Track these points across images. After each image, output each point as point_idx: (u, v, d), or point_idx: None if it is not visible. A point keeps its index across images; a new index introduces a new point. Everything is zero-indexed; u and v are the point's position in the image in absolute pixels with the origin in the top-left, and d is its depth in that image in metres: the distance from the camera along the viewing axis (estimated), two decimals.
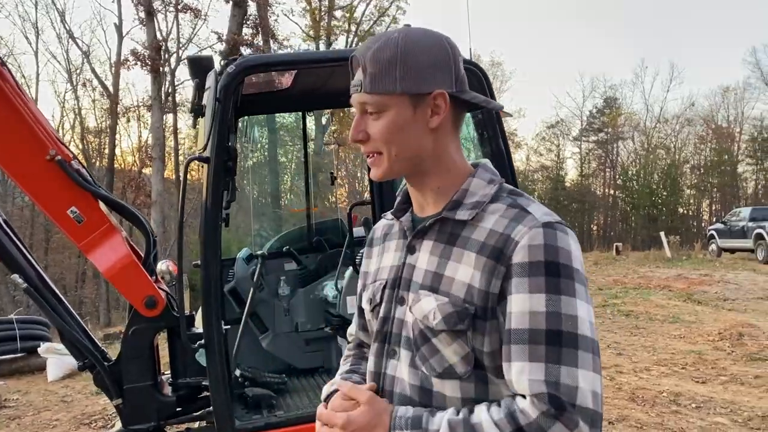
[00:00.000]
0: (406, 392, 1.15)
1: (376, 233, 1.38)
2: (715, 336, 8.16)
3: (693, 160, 47.56)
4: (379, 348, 1.23)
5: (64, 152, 3.12)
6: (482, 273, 1.08)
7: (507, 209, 1.13)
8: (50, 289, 3.27)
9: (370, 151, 1.18)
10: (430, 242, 1.18)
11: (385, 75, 1.12)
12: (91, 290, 27.45)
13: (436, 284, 1.13)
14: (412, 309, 1.15)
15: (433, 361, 1.12)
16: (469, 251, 1.11)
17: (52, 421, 5.94)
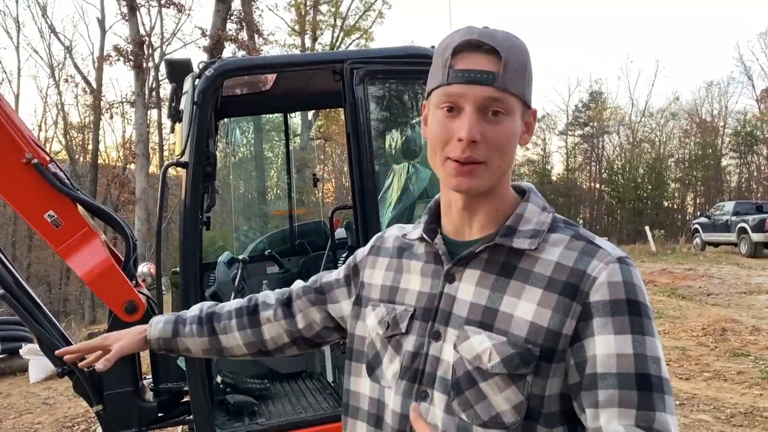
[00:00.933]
0: None
1: (386, 243, 1.23)
2: (698, 331, 8.24)
3: (677, 154, 47.99)
4: (407, 388, 1.06)
5: (40, 155, 3.06)
6: (553, 311, 0.98)
7: (572, 241, 1.03)
8: (27, 293, 3.22)
9: (474, 157, 0.99)
10: (476, 272, 1.04)
11: (522, 74, 1.01)
12: (76, 288, 27.20)
13: (488, 320, 1.01)
14: (458, 347, 1.01)
15: (478, 407, 1.00)
16: (533, 286, 1.00)
17: (33, 425, 5.88)
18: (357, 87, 2.66)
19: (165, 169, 2.75)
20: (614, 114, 48.74)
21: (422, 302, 1.09)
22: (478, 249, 1.05)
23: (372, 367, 1.15)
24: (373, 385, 1.14)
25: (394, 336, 1.10)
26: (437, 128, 1.02)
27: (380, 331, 1.13)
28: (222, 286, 3.47)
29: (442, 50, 1.03)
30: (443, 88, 1.00)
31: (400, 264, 1.17)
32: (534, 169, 50.85)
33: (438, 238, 1.11)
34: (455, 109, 1.00)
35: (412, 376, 1.06)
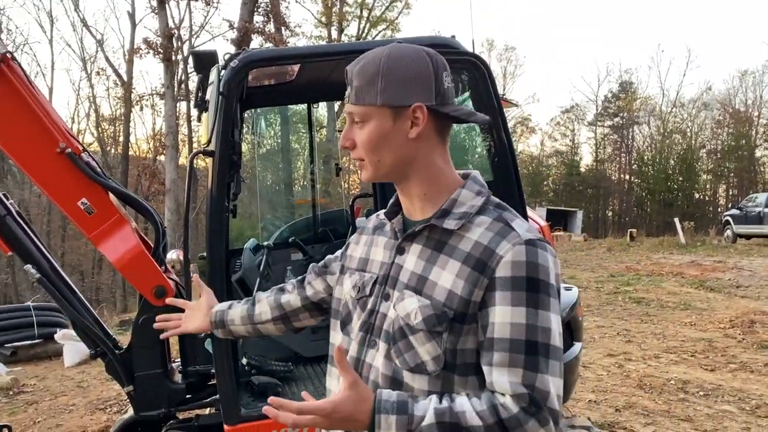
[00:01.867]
0: (378, 380, 1.25)
1: (369, 224, 1.49)
2: (726, 323, 8.14)
3: (710, 145, 47.05)
4: (362, 337, 1.32)
5: (74, 145, 3.18)
6: (465, 282, 1.18)
7: (492, 222, 1.22)
8: (62, 279, 3.35)
9: (355, 157, 1.29)
10: (419, 246, 1.28)
11: (369, 88, 1.22)
12: (108, 277, 27.78)
13: (420, 286, 1.23)
14: (396, 306, 1.25)
15: (407, 355, 1.22)
16: (454, 260, 1.21)
17: (68, 406, 6.08)
18: None
19: (192, 158, 2.84)
20: (644, 104, 47.96)
21: (381, 270, 1.33)
22: (418, 228, 1.27)
23: (344, 323, 1.39)
24: (344, 338, 1.37)
25: (362, 298, 1.34)
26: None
27: (353, 294, 1.37)
28: (248, 271, 3.56)
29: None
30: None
31: (373, 239, 1.42)
32: (562, 160, 50.34)
33: (397, 218, 1.35)
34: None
35: (367, 329, 1.31)
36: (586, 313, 9.10)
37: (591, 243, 23.76)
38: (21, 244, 3.22)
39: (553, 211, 35.74)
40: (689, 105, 46.94)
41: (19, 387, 6.87)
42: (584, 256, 18.17)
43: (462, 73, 2.90)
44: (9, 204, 3.28)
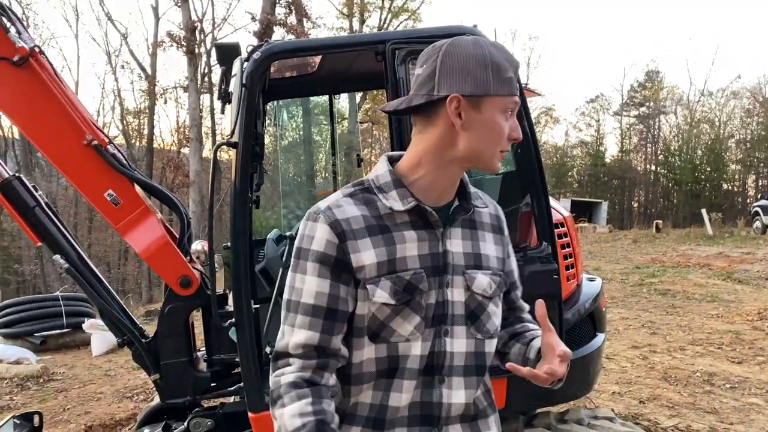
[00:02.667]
0: (462, 363, 1.33)
1: (352, 225, 1.28)
2: (754, 316, 8.01)
3: (739, 135, 46.13)
4: (434, 332, 1.31)
5: (100, 137, 3.23)
6: (499, 246, 1.43)
7: (485, 196, 1.48)
8: (90, 269, 3.41)
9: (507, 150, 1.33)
10: (458, 229, 1.36)
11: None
12: (134, 268, 28.20)
13: (479, 262, 1.36)
14: (472, 287, 1.34)
15: (488, 325, 1.37)
16: (487, 232, 1.42)
17: (96, 394, 6.21)
18: (399, 67, 2.70)
19: (216, 149, 2.87)
20: (671, 94, 47.21)
21: (428, 263, 1.30)
22: (458, 213, 1.35)
23: (376, 334, 1.28)
24: (379, 347, 1.29)
25: (413, 298, 1.28)
26: (502, 128, 1.28)
27: (392, 301, 1.26)
28: (271, 261, 3.59)
29: (497, 64, 1.24)
30: (510, 98, 1.27)
31: (389, 238, 1.29)
32: (587, 150, 49.79)
33: (420, 206, 1.31)
34: (510, 112, 1.29)
35: (438, 321, 1.31)
36: (610, 305, 9.02)
37: (616, 234, 23.51)
38: (50, 235, 3.29)
39: (577, 203, 35.41)
40: (718, 94, 46.14)
41: (49, 375, 7.02)
42: (609, 247, 17.99)
43: None
44: (38, 195, 3.35)
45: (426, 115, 1.29)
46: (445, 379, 1.32)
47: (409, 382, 1.30)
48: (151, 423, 3.57)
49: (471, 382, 1.35)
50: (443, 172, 1.32)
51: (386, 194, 1.32)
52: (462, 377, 1.33)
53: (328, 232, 1.27)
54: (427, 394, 1.31)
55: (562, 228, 3.12)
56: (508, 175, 3.11)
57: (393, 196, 1.31)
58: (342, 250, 1.27)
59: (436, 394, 1.31)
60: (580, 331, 3.07)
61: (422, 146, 1.31)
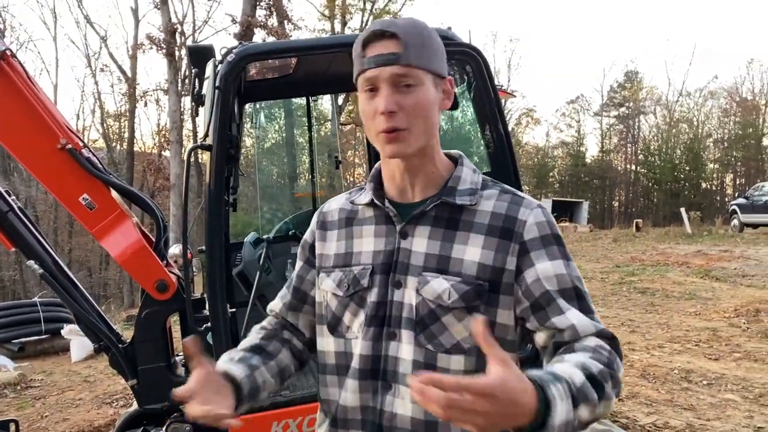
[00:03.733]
0: (408, 371, 1.19)
1: (329, 217, 1.37)
2: (731, 313, 8.12)
3: (716, 134, 46.81)
4: (376, 332, 1.23)
5: (74, 141, 3.20)
6: (495, 252, 1.20)
7: (500, 194, 1.26)
8: (65, 274, 3.38)
9: (396, 126, 1.15)
10: (426, 228, 1.23)
11: (421, 51, 1.16)
12: (115, 272, 27.92)
13: (443, 266, 1.20)
14: (421, 291, 1.20)
15: (441, 338, 1.19)
16: (476, 233, 1.21)
17: (75, 401, 6.14)
18: None
19: (190, 152, 2.86)
20: (650, 94, 47.76)
21: (379, 259, 1.25)
22: (427, 208, 1.23)
23: (333, 326, 1.31)
24: (337, 340, 1.30)
25: (356, 293, 1.26)
26: (364, 108, 1.19)
27: (339, 292, 1.28)
28: (248, 265, 3.57)
29: (356, 45, 1.19)
30: (362, 75, 1.18)
31: (349, 232, 1.32)
32: (568, 151, 50.19)
33: (386, 202, 1.27)
34: (375, 90, 1.17)
35: (380, 322, 1.24)
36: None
37: (597, 234, 23.71)
38: (23, 240, 3.25)
39: (558, 203, 35.68)
40: (696, 94, 46.77)
41: (27, 382, 6.93)
42: (590, 246, 18.14)
43: (459, 64, 2.90)
44: (11, 200, 3.32)
45: None
46: (391, 386, 1.22)
47: (354, 382, 1.24)
48: (129, 429, 3.54)
49: None
50: (386, 163, 1.28)
51: (363, 190, 1.34)
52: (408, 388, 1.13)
53: (313, 222, 1.41)
54: (372, 399, 1.23)
55: None
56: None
57: (365, 190, 1.32)
58: (315, 236, 1.38)
59: (378, 400, 1.23)
60: None
61: None
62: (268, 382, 1.29)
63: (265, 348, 1.35)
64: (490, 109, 2.88)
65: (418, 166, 1.23)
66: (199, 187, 20.82)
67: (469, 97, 2.95)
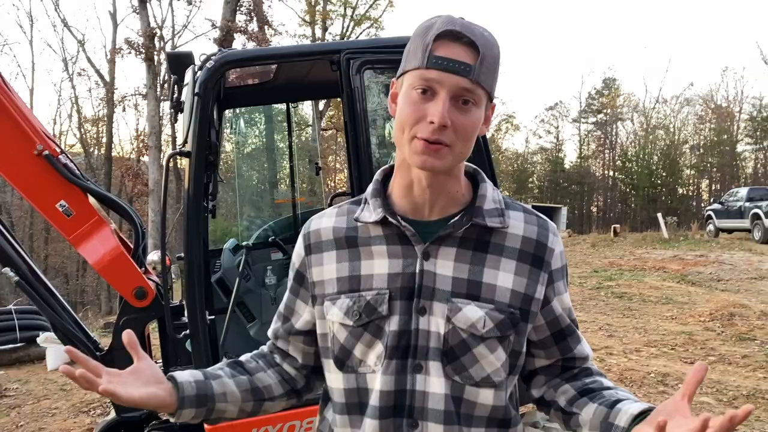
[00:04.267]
0: (439, 406, 1.10)
1: (322, 237, 1.21)
2: (706, 317, 8.25)
3: (692, 140, 47.52)
4: (399, 365, 1.11)
5: (51, 147, 3.18)
6: (527, 279, 1.14)
7: (527, 216, 1.19)
8: (41, 281, 3.35)
9: (441, 140, 1.04)
10: (452, 249, 1.12)
11: (492, 70, 1.07)
12: (93, 279, 27.56)
13: (474, 291, 1.11)
14: (453, 319, 1.10)
15: (471, 370, 1.11)
16: (507, 258, 1.14)
17: (51, 410, 6.05)
18: (354, 77, 2.73)
19: (169, 159, 2.85)
20: (628, 101, 48.39)
21: (397, 283, 1.12)
22: (458, 229, 1.12)
23: (341, 360, 1.17)
24: (347, 376, 1.16)
25: (372, 321, 1.13)
26: (409, 108, 1.06)
27: (349, 321, 1.14)
28: (227, 272, 3.57)
29: (422, 34, 1.06)
30: (421, 71, 1.04)
31: (354, 253, 1.17)
32: (547, 157, 50.62)
33: (396, 220, 1.13)
34: (429, 92, 1.05)
35: (403, 353, 1.11)
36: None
37: (575, 239, 23.93)
38: None
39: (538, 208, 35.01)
40: (672, 101, 47.48)
41: (2, 391, 6.81)
42: (568, 251, 18.29)
43: None
44: None
45: None
46: (419, 424, 1.11)
47: (373, 422, 1.12)
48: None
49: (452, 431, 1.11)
50: (404, 174, 1.14)
51: (367, 205, 1.17)
52: (441, 425, 1.10)
53: (299, 244, 1.25)
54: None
55: None
56: None
57: (369, 206, 1.16)
58: (305, 263, 1.23)
59: None
60: None
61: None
62: (232, 393, 1.21)
63: (243, 364, 1.29)
64: None
65: (442, 183, 1.12)
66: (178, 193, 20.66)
67: None
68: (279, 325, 1.31)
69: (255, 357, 1.32)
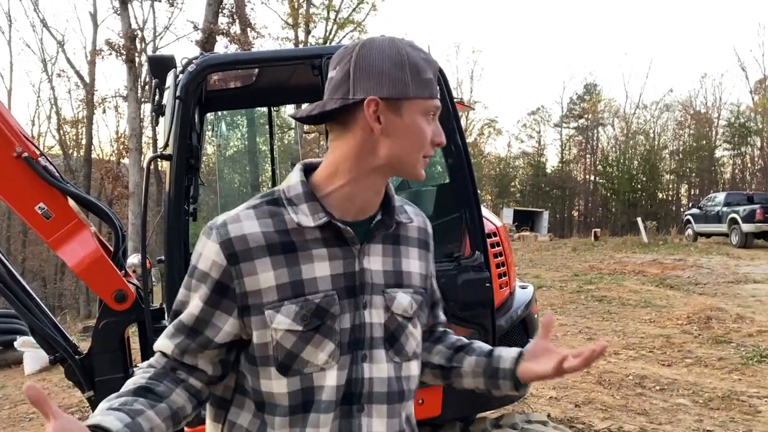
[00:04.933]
0: (383, 389, 1.21)
1: (251, 243, 1.16)
2: (683, 320, 8.37)
3: (672, 146, 48.18)
4: (349, 358, 1.18)
5: (30, 149, 3.15)
6: (424, 262, 1.35)
7: (413, 209, 1.39)
8: (20, 284, 3.32)
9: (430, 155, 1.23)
10: (378, 246, 1.25)
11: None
12: (71, 283, 27.26)
13: (399, 280, 1.27)
14: (392, 307, 1.24)
15: (406, 348, 1.26)
16: (412, 247, 1.32)
17: (29, 414, 5.98)
18: None
19: (149, 161, 2.85)
20: (608, 106, 48.94)
21: (341, 283, 1.19)
22: (379, 227, 1.25)
23: (287, 365, 1.17)
24: (291, 380, 1.17)
25: (324, 323, 1.16)
26: (425, 132, 1.19)
27: (298, 327, 1.15)
28: None
29: (418, 64, 1.16)
30: (434, 101, 1.18)
31: (292, 258, 1.17)
32: (529, 161, 51.01)
33: (331, 223, 1.18)
34: (431, 116, 1.20)
35: (351, 347, 1.19)
36: (548, 312, 9.27)
37: (556, 243, 24.14)
38: None
39: (519, 212, 36.25)
40: (652, 107, 48.11)
41: None
42: (550, 255, 18.45)
43: None
44: None
45: (342, 121, 1.17)
46: (365, 408, 1.19)
47: (326, 416, 1.17)
48: None
49: (393, 410, 1.23)
50: (363, 182, 1.20)
51: (296, 207, 1.19)
52: (384, 405, 1.21)
53: (216, 253, 1.16)
54: (345, 424, 1.18)
55: (495, 237, 3.22)
56: (442, 187, 3.19)
57: (303, 210, 1.18)
58: (229, 274, 1.15)
59: (355, 425, 1.19)
60: (512, 337, 3.17)
61: (339, 154, 1.18)
62: (158, 426, 1.13)
63: (152, 389, 1.16)
64: (448, 122, 2.94)
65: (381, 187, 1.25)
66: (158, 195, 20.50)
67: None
68: (188, 341, 1.19)
69: (156, 378, 1.18)
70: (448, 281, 2.80)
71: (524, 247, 21.82)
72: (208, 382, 1.23)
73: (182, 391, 1.20)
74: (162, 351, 1.22)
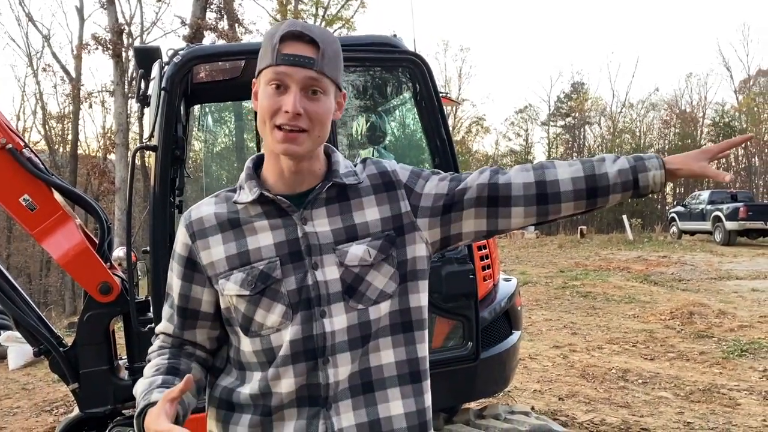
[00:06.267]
0: (345, 338, 1.28)
1: (205, 224, 1.33)
2: (666, 315, 8.47)
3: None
4: (306, 315, 1.27)
5: (15, 141, 3.14)
6: (388, 204, 1.34)
7: (367, 165, 1.40)
8: (4, 276, 3.31)
9: (297, 125, 1.21)
10: (321, 209, 1.31)
11: (334, 62, 1.26)
12: (57, 279, 27.06)
13: (352, 234, 1.31)
14: (345, 261, 1.29)
15: (369, 293, 1.30)
16: (366, 196, 1.34)
17: (13, 409, 5.95)
18: None
19: (135, 152, 2.85)
20: (595, 105, 49.18)
21: (284, 249, 1.29)
22: (321, 193, 1.31)
23: (246, 327, 1.31)
24: (253, 340, 1.30)
25: (268, 287, 1.27)
26: (267, 101, 1.23)
27: (246, 291, 1.28)
28: None
29: (270, 37, 1.24)
30: (272, 68, 1.22)
31: (239, 232, 1.31)
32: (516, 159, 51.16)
33: (271, 196, 1.29)
34: (282, 86, 1.22)
35: (306, 305, 1.28)
36: (534, 307, 9.35)
37: (543, 240, 24.27)
38: None
39: None
40: (638, 105, 48.41)
41: None
42: (536, 252, 18.56)
43: (403, 71, 2.98)
44: None
45: None
46: (329, 359, 1.27)
47: (289, 369, 1.27)
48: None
49: (357, 354, 1.29)
50: (274, 160, 1.30)
51: (242, 189, 1.33)
52: (347, 352, 1.28)
53: (183, 234, 1.35)
54: (312, 377, 1.27)
55: None
56: None
57: (245, 190, 1.32)
58: (192, 250, 1.33)
59: (322, 376, 1.27)
60: (496, 328, 3.21)
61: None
62: (191, 402, 1.30)
63: (178, 368, 1.33)
64: (433, 116, 2.97)
65: (306, 165, 1.30)
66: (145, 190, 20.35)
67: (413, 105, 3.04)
68: (182, 318, 1.37)
69: (174, 357, 1.36)
70: (432, 273, 2.83)
71: (511, 244, 21.95)
72: (210, 351, 1.41)
73: (197, 365, 1.37)
74: (165, 332, 1.40)
